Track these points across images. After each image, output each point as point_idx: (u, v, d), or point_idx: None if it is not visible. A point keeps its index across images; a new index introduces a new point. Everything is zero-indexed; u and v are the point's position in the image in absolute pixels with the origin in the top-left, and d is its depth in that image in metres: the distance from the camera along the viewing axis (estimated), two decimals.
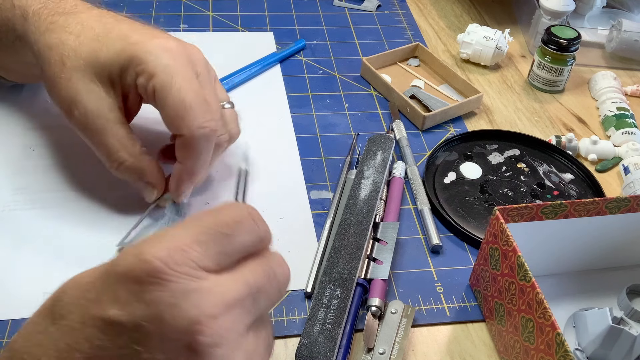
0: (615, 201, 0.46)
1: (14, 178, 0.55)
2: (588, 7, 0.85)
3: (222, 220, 0.31)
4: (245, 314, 0.30)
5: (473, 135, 0.65)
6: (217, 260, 0.30)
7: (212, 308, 0.29)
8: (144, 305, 0.27)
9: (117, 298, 0.28)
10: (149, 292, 0.27)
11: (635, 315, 0.46)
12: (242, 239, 0.32)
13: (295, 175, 0.59)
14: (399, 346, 0.44)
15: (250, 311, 0.31)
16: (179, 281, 0.28)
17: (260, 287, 0.32)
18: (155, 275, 0.28)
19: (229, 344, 0.29)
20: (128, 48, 0.46)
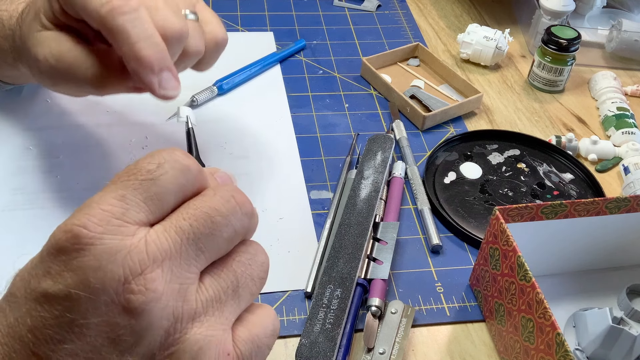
0: (615, 201, 0.46)
1: (13, 178, 0.55)
2: (588, 7, 0.85)
3: (141, 167, 0.30)
4: (186, 262, 0.29)
5: (473, 135, 0.65)
6: (148, 209, 0.29)
7: (139, 265, 0.28)
8: (72, 273, 0.28)
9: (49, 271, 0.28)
10: (74, 259, 0.28)
11: (635, 315, 0.46)
12: (169, 180, 0.30)
13: (295, 175, 0.59)
14: (399, 346, 0.44)
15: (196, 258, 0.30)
16: (100, 243, 0.28)
17: (199, 229, 0.30)
18: (77, 242, 0.28)
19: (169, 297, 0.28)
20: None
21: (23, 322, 0.28)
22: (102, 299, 0.27)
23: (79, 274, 0.27)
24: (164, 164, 0.30)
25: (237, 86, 0.69)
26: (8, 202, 0.53)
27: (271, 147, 0.62)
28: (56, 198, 0.54)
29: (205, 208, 0.30)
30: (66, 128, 0.60)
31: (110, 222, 0.28)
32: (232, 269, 0.31)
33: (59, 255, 0.28)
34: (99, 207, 0.28)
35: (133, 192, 0.29)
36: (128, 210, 0.29)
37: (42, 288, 0.28)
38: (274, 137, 0.63)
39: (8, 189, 0.54)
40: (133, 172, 0.29)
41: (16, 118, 0.61)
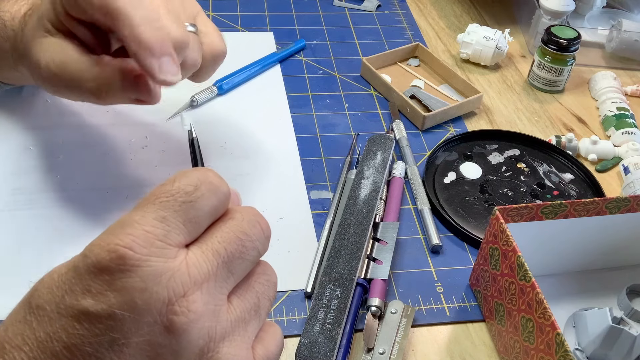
0: (615, 201, 0.46)
1: (13, 178, 0.55)
2: (588, 7, 0.85)
3: (179, 188, 0.30)
4: (221, 284, 0.31)
5: (473, 135, 0.65)
6: (186, 231, 0.30)
7: (183, 287, 0.29)
8: (116, 293, 0.28)
9: (89, 289, 0.28)
10: (119, 280, 0.28)
11: (635, 315, 0.46)
12: (206, 202, 0.31)
13: (295, 175, 0.59)
14: (398, 346, 0.44)
15: (228, 280, 0.31)
16: (147, 265, 0.28)
17: (232, 253, 0.31)
18: (124, 263, 0.28)
19: (208, 319, 0.30)
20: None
21: (57, 339, 0.28)
22: (146, 319, 0.28)
23: (124, 295, 0.28)
24: (200, 186, 0.31)
25: (237, 86, 0.69)
26: (8, 202, 0.53)
27: (271, 147, 0.62)
28: (56, 198, 0.54)
29: (237, 232, 0.32)
30: (66, 128, 0.60)
31: (154, 244, 0.29)
32: (255, 290, 0.33)
33: (101, 274, 0.28)
34: (142, 228, 0.29)
35: (173, 214, 0.30)
36: (170, 232, 0.29)
37: (82, 306, 0.28)
38: (274, 137, 0.63)
39: (8, 189, 0.54)
40: (172, 194, 0.30)
41: (16, 118, 0.61)
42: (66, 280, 0.29)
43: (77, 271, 0.29)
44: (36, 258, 0.49)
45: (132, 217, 0.30)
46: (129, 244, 0.28)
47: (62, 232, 0.51)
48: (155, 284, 0.28)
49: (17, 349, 0.28)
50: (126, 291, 0.28)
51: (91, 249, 0.29)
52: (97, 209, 0.53)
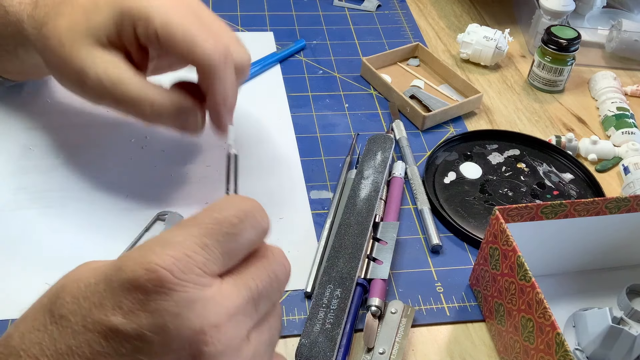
0: (615, 201, 0.46)
1: (14, 178, 0.55)
2: (588, 7, 0.85)
3: (226, 218, 0.30)
4: (247, 319, 0.30)
5: (473, 135, 0.65)
6: (222, 262, 0.30)
7: (215, 317, 0.28)
8: (148, 314, 0.27)
9: (120, 305, 0.27)
10: (154, 301, 0.27)
11: (635, 315, 0.46)
12: (247, 237, 0.31)
13: (295, 175, 0.59)
14: (398, 346, 0.44)
15: (252, 316, 0.31)
16: (184, 290, 0.28)
17: (262, 290, 0.31)
18: (161, 285, 0.27)
19: (232, 351, 0.29)
20: (117, 5, 0.45)
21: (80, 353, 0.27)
22: (175, 345, 0.28)
23: (156, 317, 0.27)
24: (245, 220, 0.31)
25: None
26: (9, 202, 0.53)
27: (271, 147, 0.62)
28: (57, 197, 0.54)
29: (269, 272, 0.32)
30: (66, 128, 0.60)
31: (193, 271, 0.28)
32: (269, 325, 0.33)
33: (135, 292, 0.27)
34: (184, 252, 0.28)
35: (215, 243, 0.29)
36: (209, 261, 0.29)
37: (112, 323, 0.27)
38: (274, 137, 0.63)
39: (9, 189, 0.54)
40: (218, 222, 0.30)
41: (17, 118, 0.61)
42: (95, 292, 0.28)
43: (108, 284, 0.28)
44: (36, 258, 0.49)
45: (175, 237, 0.29)
46: (169, 267, 0.28)
47: (63, 232, 0.51)
48: (189, 311, 0.28)
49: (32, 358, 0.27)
50: (159, 314, 0.27)
51: (127, 264, 0.28)
52: (97, 208, 0.53)
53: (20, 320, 0.29)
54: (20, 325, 0.28)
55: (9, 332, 0.29)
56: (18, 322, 0.29)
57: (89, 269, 0.29)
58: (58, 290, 0.29)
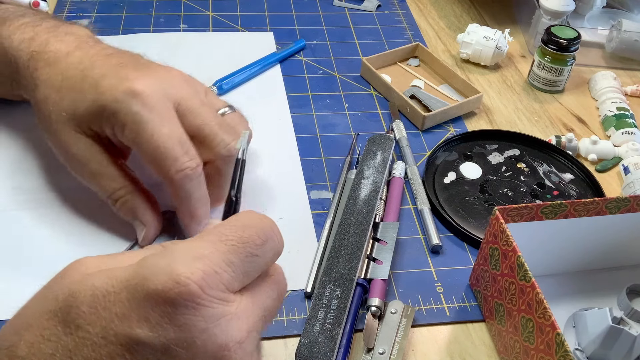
0: (615, 201, 0.46)
1: (13, 178, 0.55)
2: (588, 7, 0.85)
3: (251, 238, 0.31)
4: (258, 335, 0.31)
5: (473, 135, 0.65)
6: (242, 281, 0.31)
7: (238, 334, 0.29)
8: (176, 328, 0.27)
9: (147, 317, 0.27)
10: (182, 315, 0.27)
11: (635, 315, 0.46)
12: (266, 260, 0.32)
13: (295, 175, 0.59)
14: (398, 346, 0.44)
15: (260, 332, 0.32)
16: (211, 306, 0.28)
17: (271, 308, 0.33)
18: (190, 300, 0.27)
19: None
20: (98, 99, 0.46)
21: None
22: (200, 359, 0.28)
23: (184, 331, 0.27)
24: (267, 243, 0.32)
25: (237, 86, 0.69)
26: (9, 202, 0.53)
27: (271, 147, 0.62)
28: (57, 198, 0.54)
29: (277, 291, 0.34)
30: None
31: (219, 287, 0.29)
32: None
33: (163, 305, 0.27)
34: (213, 267, 0.29)
35: (239, 262, 0.30)
36: (233, 279, 0.30)
37: (138, 336, 0.27)
38: (274, 137, 0.63)
39: (9, 189, 0.54)
40: (243, 241, 0.31)
41: (17, 118, 0.61)
42: (117, 302, 0.27)
43: (132, 295, 0.27)
44: (37, 258, 0.49)
45: (202, 249, 0.29)
46: (199, 281, 0.28)
47: (63, 232, 0.51)
48: (215, 327, 0.28)
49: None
50: (187, 328, 0.27)
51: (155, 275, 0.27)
52: (97, 208, 0.53)
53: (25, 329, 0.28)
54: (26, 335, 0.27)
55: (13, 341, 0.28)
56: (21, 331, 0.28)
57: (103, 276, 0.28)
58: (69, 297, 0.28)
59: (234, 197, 0.42)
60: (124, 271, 0.28)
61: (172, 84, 0.48)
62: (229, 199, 0.43)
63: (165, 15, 0.80)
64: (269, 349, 0.45)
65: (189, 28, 0.78)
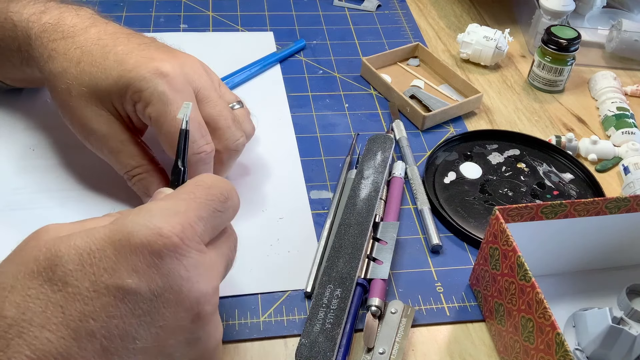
0: (615, 201, 0.46)
1: (14, 178, 0.55)
2: (588, 7, 0.85)
3: (216, 196, 0.34)
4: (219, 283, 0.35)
5: (473, 135, 0.65)
6: (211, 234, 0.34)
7: (214, 281, 0.32)
8: (162, 276, 0.29)
9: (135, 268, 0.29)
10: (167, 264, 0.29)
11: (635, 315, 0.46)
12: (228, 217, 0.36)
13: (295, 175, 0.59)
14: (398, 346, 0.44)
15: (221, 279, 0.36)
16: (191, 255, 0.31)
17: (231, 260, 0.37)
18: (173, 250, 0.30)
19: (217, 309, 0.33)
20: (124, 75, 0.46)
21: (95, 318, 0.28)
22: (185, 305, 0.30)
23: (170, 279, 0.30)
24: (229, 200, 0.35)
25: (237, 86, 0.69)
26: (9, 202, 0.53)
27: (271, 147, 0.62)
28: (57, 197, 0.54)
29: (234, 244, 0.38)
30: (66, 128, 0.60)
31: (195, 239, 0.32)
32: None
33: (149, 256, 0.29)
34: (189, 221, 0.31)
35: (208, 217, 0.33)
36: (205, 232, 0.33)
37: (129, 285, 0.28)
38: (274, 137, 0.63)
39: (9, 189, 0.54)
40: (210, 199, 0.34)
41: (17, 118, 0.61)
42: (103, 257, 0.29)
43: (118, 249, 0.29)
44: None
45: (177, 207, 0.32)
46: (179, 234, 0.30)
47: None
48: (196, 275, 0.31)
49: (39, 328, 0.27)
50: (172, 276, 0.30)
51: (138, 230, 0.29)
52: (97, 209, 0.53)
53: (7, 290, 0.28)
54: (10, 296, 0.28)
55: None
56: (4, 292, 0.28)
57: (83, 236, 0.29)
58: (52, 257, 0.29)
59: (182, 166, 0.43)
60: (103, 230, 0.30)
61: (193, 70, 0.49)
62: (177, 169, 0.43)
63: (165, 15, 0.80)
64: (269, 348, 0.45)
65: (189, 28, 0.78)
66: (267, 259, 0.51)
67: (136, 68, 0.46)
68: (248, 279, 0.49)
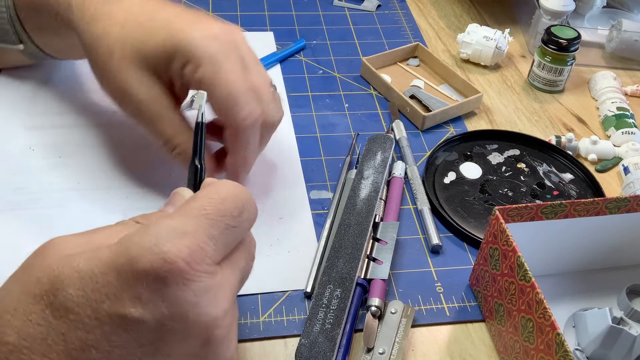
0: (615, 201, 0.46)
1: (14, 178, 0.55)
2: (588, 7, 0.85)
3: (228, 210, 0.32)
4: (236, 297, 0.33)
5: (473, 135, 0.65)
6: (223, 252, 0.31)
7: (225, 303, 0.30)
8: (168, 304, 0.28)
9: (138, 296, 0.27)
10: (173, 291, 0.28)
11: (635, 315, 0.46)
12: (243, 230, 0.33)
13: (295, 175, 0.59)
14: (398, 346, 0.44)
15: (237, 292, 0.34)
16: (199, 280, 0.29)
17: (247, 271, 0.35)
18: (180, 276, 0.28)
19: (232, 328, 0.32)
20: (173, 37, 0.45)
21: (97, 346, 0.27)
22: (192, 332, 0.29)
23: (176, 307, 0.28)
24: (244, 213, 0.33)
25: None
26: (9, 202, 0.53)
27: (271, 147, 0.62)
28: (57, 198, 0.54)
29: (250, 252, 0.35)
30: (67, 128, 0.60)
31: (205, 261, 0.29)
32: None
33: (154, 283, 0.27)
34: (197, 243, 0.29)
35: (220, 235, 0.31)
36: (216, 252, 0.30)
37: (132, 314, 0.27)
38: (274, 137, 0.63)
39: (9, 189, 0.54)
40: (222, 214, 0.31)
41: (17, 118, 0.61)
42: (105, 283, 0.27)
43: (120, 275, 0.27)
44: None
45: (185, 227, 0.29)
46: (186, 258, 0.28)
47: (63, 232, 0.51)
48: (205, 299, 0.29)
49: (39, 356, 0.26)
50: (179, 304, 0.28)
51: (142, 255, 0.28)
52: (97, 209, 0.53)
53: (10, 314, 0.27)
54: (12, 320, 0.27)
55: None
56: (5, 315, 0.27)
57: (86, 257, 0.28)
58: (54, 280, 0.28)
59: (198, 164, 0.39)
60: (107, 251, 0.28)
61: (240, 37, 0.48)
62: (193, 166, 0.39)
63: None
64: (269, 348, 0.45)
65: None
66: (267, 259, 0.51)
67: (184, 30, 0.45)
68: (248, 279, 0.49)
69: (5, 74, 0.65)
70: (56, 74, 0.66)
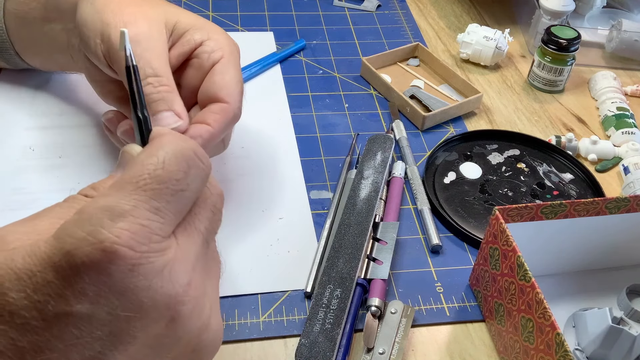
0: (615, 201, 0.46)
1: (14, 178, 0.55)
2: (588, 7, 0.85)
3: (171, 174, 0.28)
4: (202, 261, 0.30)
5: (473, 135, 0.65)
6: (174, 221, 0.28)
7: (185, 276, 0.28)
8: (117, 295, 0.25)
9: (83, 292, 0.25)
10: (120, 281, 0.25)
11: (635, 315, 0.46)
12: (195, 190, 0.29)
13: (295, 175, 0.59)
14: (398, 346, 0.44)
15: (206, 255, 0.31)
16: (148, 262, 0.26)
17: (211, 230, 0.31)
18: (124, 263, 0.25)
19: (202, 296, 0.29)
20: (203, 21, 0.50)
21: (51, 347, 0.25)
22: (153, 315, 0.27)
23: (128, 296, 0.26)
24: (190, 171, 0.29)
25: None
26: (9, 202, 0.53)
27: (271, 147, 0.62)
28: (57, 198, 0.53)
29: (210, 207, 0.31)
30: (66, 128, 0.60)
31: (152, 239, 0.26)
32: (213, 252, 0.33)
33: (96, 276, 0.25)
34: (138, 222, 0.26)
35: (166, 205, 0.27)
36: (164, 224, 0.27)
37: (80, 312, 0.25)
38: (274, 137, 0.63)
39: (9, 189, 0.54)
40: (163, 181, 0.27)
41: (17, 118, 0.61)
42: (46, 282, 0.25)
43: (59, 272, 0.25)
44: None
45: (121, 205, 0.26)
46: (127, 242, 0.25)
47: None
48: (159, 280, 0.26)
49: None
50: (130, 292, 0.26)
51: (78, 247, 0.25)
52: None
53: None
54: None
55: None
56: None
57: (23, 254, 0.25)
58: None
59: (141, 114, 0.33)
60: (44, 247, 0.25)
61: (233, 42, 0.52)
62: (136, 119, 0.33)
63: None
64: (269, 348, 0.45)
65: None
66: (267, 259, 0.51)
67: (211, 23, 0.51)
68: (248, 279, 0.49)
69: (5, 74, 0.65)
70: (56, 74, 0.66)
